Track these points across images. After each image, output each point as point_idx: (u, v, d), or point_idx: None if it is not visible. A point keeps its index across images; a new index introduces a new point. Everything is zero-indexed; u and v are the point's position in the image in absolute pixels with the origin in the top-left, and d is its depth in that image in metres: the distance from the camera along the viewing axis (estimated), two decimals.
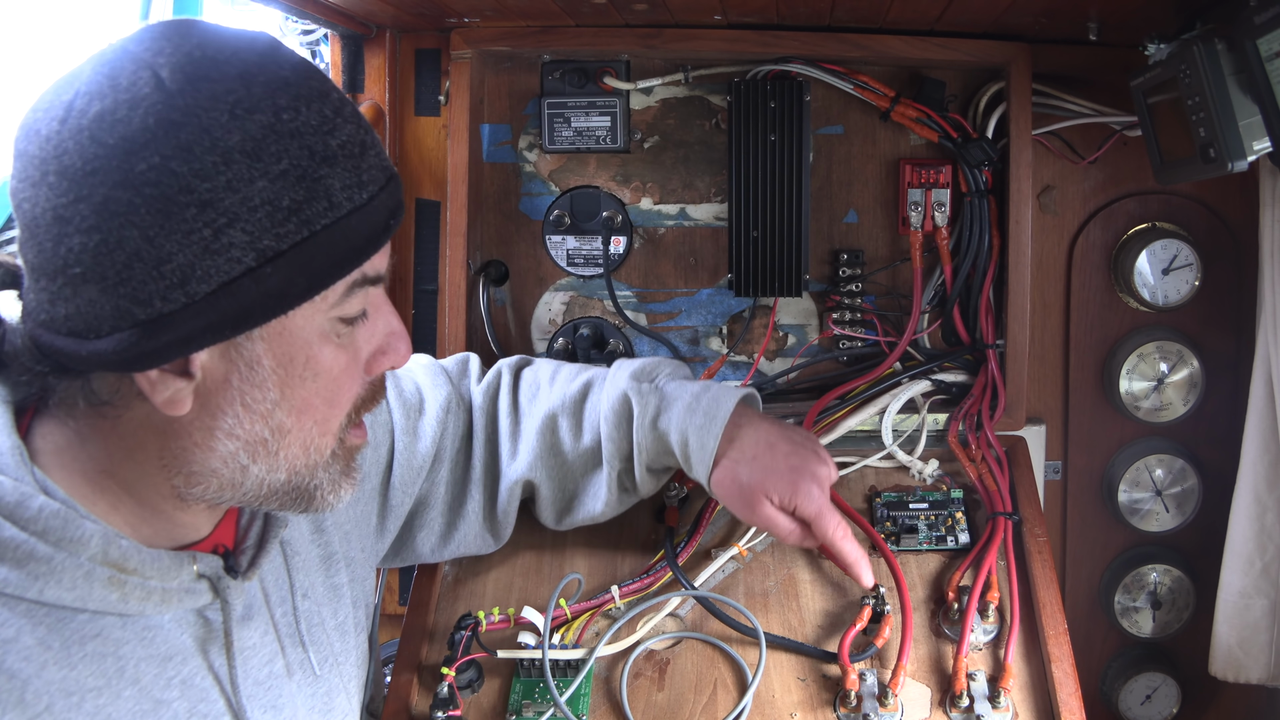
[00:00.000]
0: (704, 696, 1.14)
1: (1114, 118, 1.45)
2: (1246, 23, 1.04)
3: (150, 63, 0.69)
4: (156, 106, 0.68)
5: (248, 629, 0.86)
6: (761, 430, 1.14)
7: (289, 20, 1.58)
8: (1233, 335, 1.52)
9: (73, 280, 0.69)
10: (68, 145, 0.68)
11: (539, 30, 1.45)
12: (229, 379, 0.74)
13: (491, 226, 1.54)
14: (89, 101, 0.68)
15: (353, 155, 0.74)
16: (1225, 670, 1.43)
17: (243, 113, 0.69)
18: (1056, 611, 1.19)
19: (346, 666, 1.00)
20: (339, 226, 0.73)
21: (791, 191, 1.44)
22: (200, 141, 0.68)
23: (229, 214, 0.69)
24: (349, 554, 1.05)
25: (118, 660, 0.76)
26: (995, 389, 1.43)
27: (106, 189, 0.67)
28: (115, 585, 0.75)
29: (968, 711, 1.11)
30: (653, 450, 1.16)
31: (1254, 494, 1.38)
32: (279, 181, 0.70)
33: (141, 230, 0.67)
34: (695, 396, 1.15)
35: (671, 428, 1.14)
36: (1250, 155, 1.10)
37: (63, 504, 0.74)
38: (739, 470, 1.11)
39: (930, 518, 1.33)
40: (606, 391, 1.18)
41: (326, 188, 0.72)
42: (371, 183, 0.76)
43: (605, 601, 1.21)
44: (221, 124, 0.68)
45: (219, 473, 0.78)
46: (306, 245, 0.72)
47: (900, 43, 1.41)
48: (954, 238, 1.46)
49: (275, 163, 0.70)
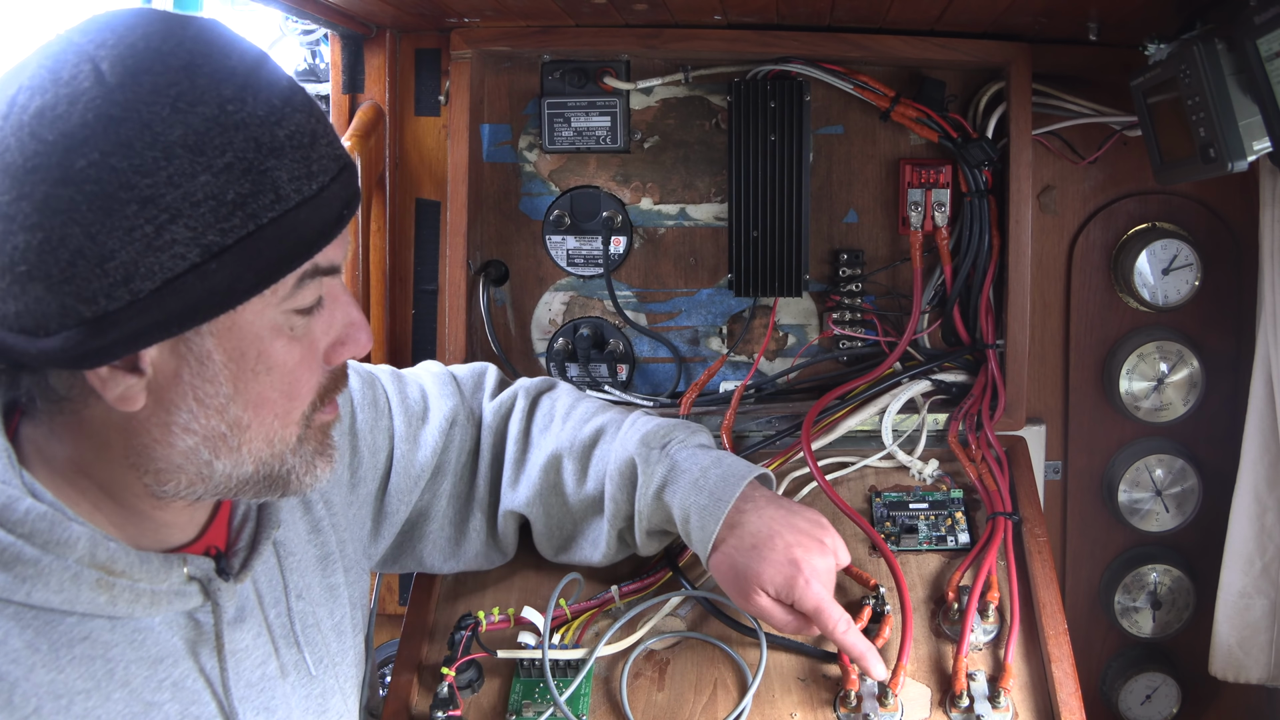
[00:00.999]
0: (704, 696, 1.14)
1: (1114, 118, 1.45)
2: (1246, 23, 1.04)
3: (91, 55, 0.68)
4: (96, 101, 0.66)
5: (239, 631, 0.86)
6: (765, 517, 1.09)
7: (289, 20, 1.58)
8: (1233, 335, 1.52)
9: (19, 278, 0.68)
10: (9, 141, 0.67)
11: (539, 30, 1.45)
12: (180, 374, 0.74)
13: (491, 226, 1.54)
14: (30, 96, 0.67)
15: (301, 146, 0.73)
16: (1225, 670, 1.43)
17: (185, 106, 0.68)
18: (1056, 611, 1.19)
19: (343, 666, 1.00)
20: (287, 219, 0.72)
21: (791, 191, 1.44)
22: (141, 137, 0.66)
23: (171, 210, 0.67)
24: (346, 554, 1.04)
25: (107, 663, 0.75)
26: (995, 389, 1.43)
27: (47, 186, 0.66)
28: (104, 587, 0.74)
29: (968, 711, 1.11)
30: (654, 519, 1.14)
31: (1254, 494, 1.38)
32: (223, 175, 0.69)
33: (84, 228, 0.66)
34: (704, 471, 1.11)
35: (675, 502, 1.11)
36: (1250, 155, 1.10)
37: (50, 506, 0.73)
38: (737, 559, 1.07)
39: (930, 518, 1.33)
40: (616, 449, 1.15)
41: (273, 180, 0.71)
42: (322, 173, 0.74)
43: (605, 601, 1.21)
44: (162, 118, 0.67)
45: (184, 468, 0.77)
46: (253, 239, 0.70)
47: (900, 43, 1.41)
48: (954, 238, 1.46)
49: (219, 156, 0.68)
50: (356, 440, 1.10)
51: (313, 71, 1.65)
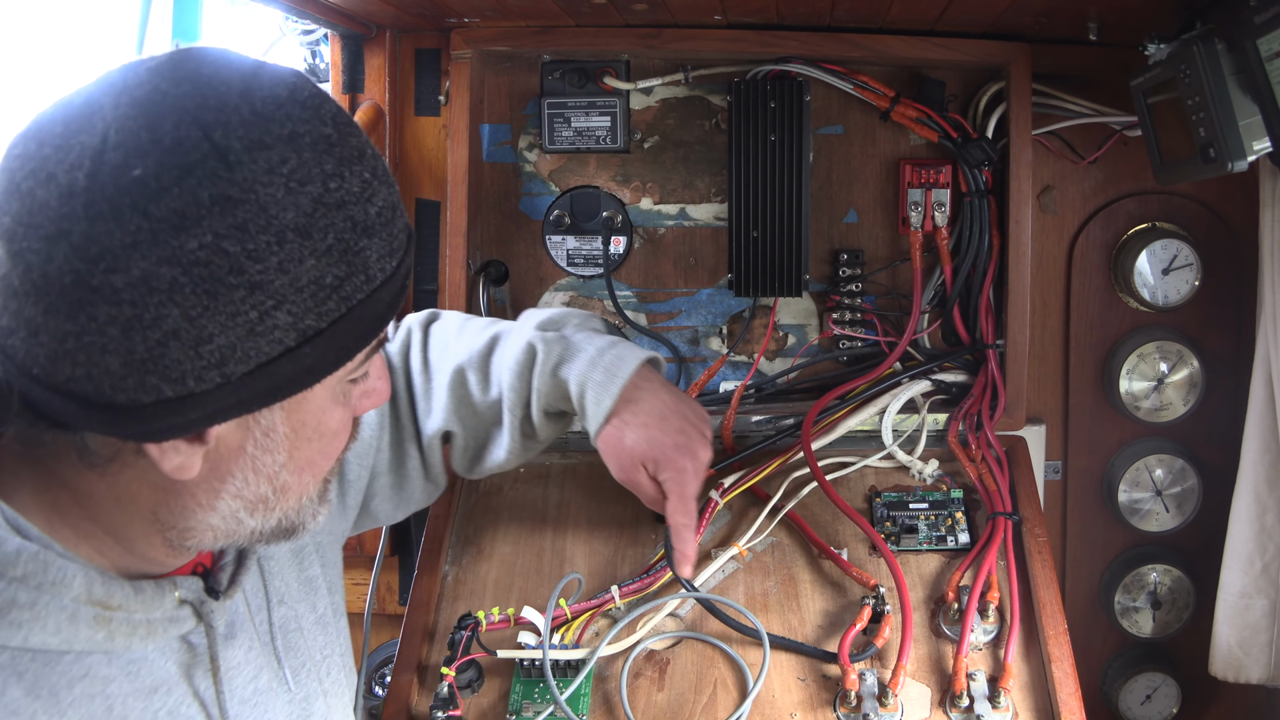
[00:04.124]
0: (704, 696, 1.14)
1: (1114, 118, 1.45)
2: (1246, 23, 1.04)
3: (198, 119, 0.64)
4: (213, 178, 0.62)
5: (232, 648, 0.85)
6: (659, 399, 1.14)
7: (289, 20, 1.58)
8: (1233, 335, 1.52)
9: (88, 347, 0.63)
10: (101, 209, 0.62)
11: (539, 30, 1.45)
12: (244, 446, 0.72)
13: (491, 226, 1.54)
14: (126, 158, 0.62)
15: (387, 223, 0.71)
16: (1225, 670, 1.43)
17: (296, 186, 0.65)
18: (1056, 611, 1.19)
19: (331, 659, 0.99)
20: (373, 299, 0.71)
21: (791, 191, 1.44)
22: (256, 220, 0.63)
23: (278, 296, 0.65)
24: (318, 541, 1.04)
25: (106, 699, 0.73)
26: (995, 389, 1.43)
27: (149, 264, 0.61)
28: (101, 623, 0.72)
29: (968, 711, 1.11)
30: (550, 395, 1.15)
31: (1254, 494, 1.38)
32: (325, 259, 0.67)
33: (184, 310, 0.62)
34: (600, 351, 1.14)
35: (571, 377, 1.13)
36: (1250, 155, 1.10)
37: (39, 544, 0.71)
38: (625, 434, 1.12)
39: (930, 518, 1.33)
40: (512, 341, 1.17)
41: (364, 260, 0.69)
42: (399, 249, 0.73)
43: (605, 601, 1.21)
44: (277, 200, 0.64)
45: (215, 528, 0.76)
46: (343, 321, 0.69)
47: (900, 43, 1.41)
48: (954, 238, 1.46)
49: (323, 239, 0.67)
50: None
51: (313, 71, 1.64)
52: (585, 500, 1.38)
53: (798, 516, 1.32)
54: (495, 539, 1.33)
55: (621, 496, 1.38)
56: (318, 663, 0.97)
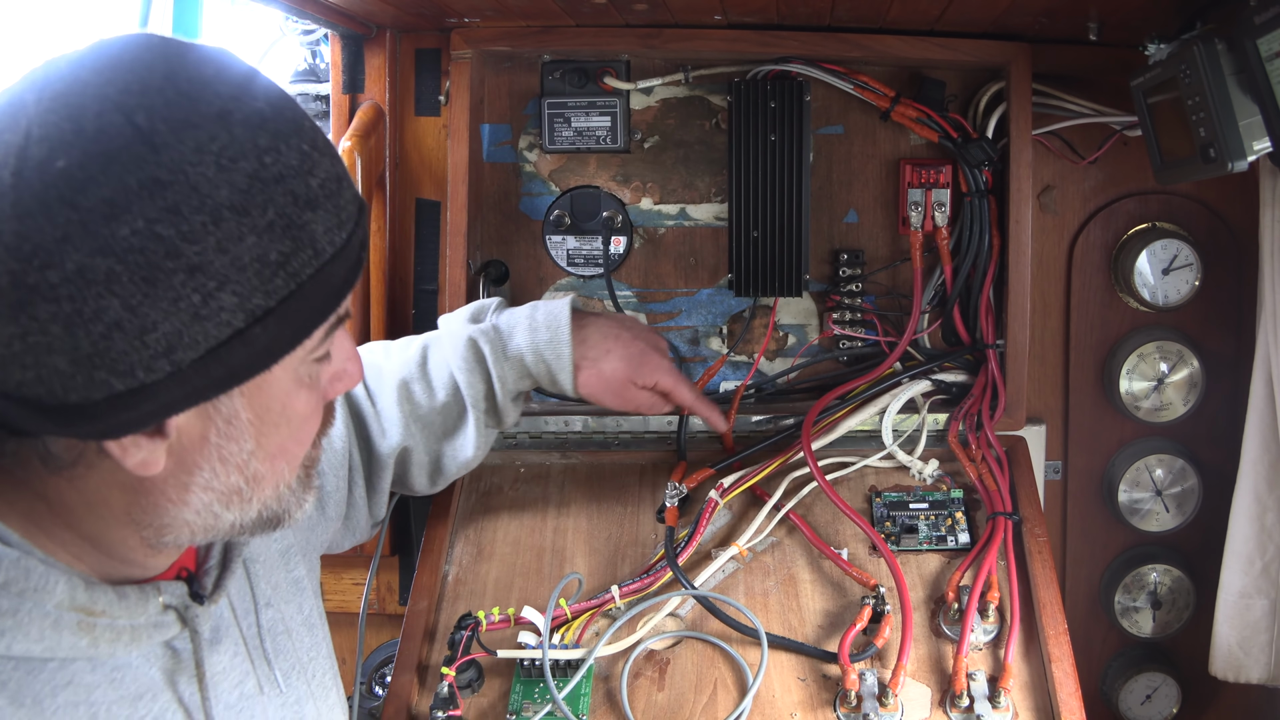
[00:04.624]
0: (704, 696, 1.14)
1: (1114, 118, 1.45)
2: (1246, 23, 1.04)
3: (120, 105, 0.62)
4: (139, 163, 0.61)
5: (217, 653, 0.84)
6: (602, 326, 1.23)
7: (289, 20, 1.58)
8: (1233, 335, 1.52)
9: (34, 349, 0.61)
10: (29, 206, 0.60)
11: (539, 30, 1.45)
12: (206, 436, 0.71)
13: (491, 226, 1.54)
14: (50, 151, 0.61)
15: (332, 194, 0.70)
16: (1225, 670, 1.43)
17: (228, 163, 0.64)
18: (1056, 611, 1.19)
19: (318, 660, 0.99)
20: (323, 273, 0.69)
21: (791, 191, 1.44)
22: (189, 201, 0.62)
23: (219, 277, 0.64)
24: (302, 542, 1.04)
25: (90, 707, 0.72)
26: (995, 389, 1.43)
27: (82, 256, 0.60)
28: (85, 630, 0.71)
29: (968, 711, 1.11)
30: (512, 378, 1.20)
31: (1254, 494, 1.38)
32: (266, 235, 0.65)
33: (123, 300, 0.61)
34: (529, 318, 1.21)
35: (523, 349, 1.19)
36: (1250, 155, 1.10)
37: (19, 550, 0.70)
38: (601, 367, 1.21)
39: (930, 518, 1.33)
40: (448, 344, 1.21)
41: (310, 234, 0.68)
42: (349, 220, 0.72)
43: (605, 601, 1.21)
44: (209, 179, 0.63)
45: (192, 523, 0.75)
46: (294, 298, 0.68)
47: (900, 43, 1.41)
48: (954, 238, 1.46)
49: (262, 215, 0.65)
50: None
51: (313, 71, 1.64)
52: (585, 500, 1.38)
53: (798, 516, 1.32)
54: (495, 539, 1.33)
55: (621, 496, 1.39)
56: (305, 665, 0.97)
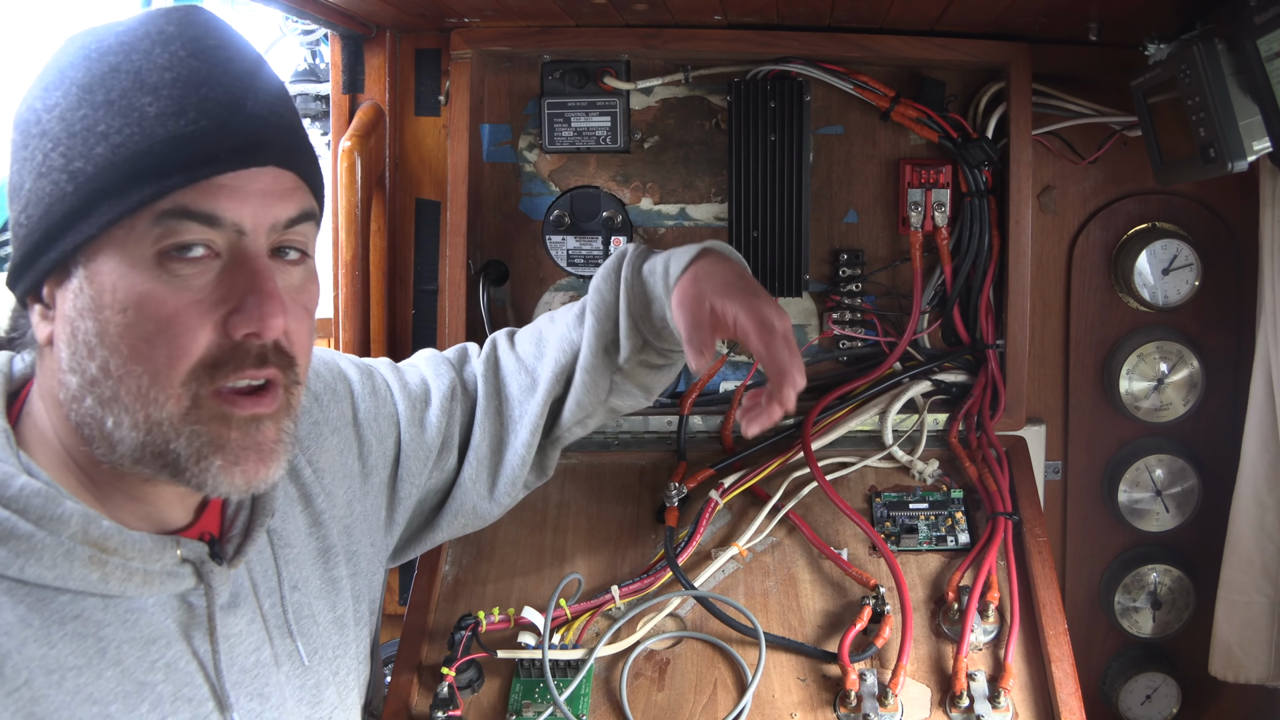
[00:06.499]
0: (704, 696, 1.14)
1: (1114, 118, 1.45)
2: (1246, 23, 1.04)
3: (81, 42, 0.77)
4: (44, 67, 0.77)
5: (233, 616, 0.86)
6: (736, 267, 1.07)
7: (289, 20, 1.58)
8: (1233, 335, 1.52)
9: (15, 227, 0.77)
10: None
11: (539, 30, 1.45)
12: (63, 309, 0.77)
13: (491, 226, 1.54)
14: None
15: (186, 86, 0.75)
16: (1225, 670, 1.43)
17: (96, 55, 0.75)
18: (1056, 611, 1.19)
19: (344, 659, 1.00)
20: (149, 151, 0.73)
21: (791, 191, 1.44)
22: (55, 80, 0.76)
23: (54, 138, 0.74)
24: (351, 548, 1.04)
25: (99, 641, 0.76)
26: (995, 389, 1.43)
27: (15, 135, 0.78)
28: (96, 565, 0.75)
29: (968, 711, 1.11)
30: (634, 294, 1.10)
31: (1254, 494, 1.38)
32: (100, 109, 0.74)
33: (16, 165, 0.77)
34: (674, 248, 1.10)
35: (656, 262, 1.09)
36: (1250, 155, 1.10)
37: (45, 484, 0.75)
38: (702, 283, 1.04)
39: (930, 518, 1.33)
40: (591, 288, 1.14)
41: (141, 115, 0.74)
42: (203, 117, 0.74)
43: (605, 601, 1.21)
44: (74, 64, 0.75)
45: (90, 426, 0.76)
46: (113, 168, 0.73)
47: (900, 43, 1.41)
48: (954, 238, 1.46)
49: (105, 94, 0.74)
50: (362, 430, 1.10)
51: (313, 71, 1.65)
52: (585, 500, 1.38)
53: (798, 516, 1.32)
54: (495, 539, 1.33)
55: (622, 496, 1.39)
56: (332, 658, 0.98)
